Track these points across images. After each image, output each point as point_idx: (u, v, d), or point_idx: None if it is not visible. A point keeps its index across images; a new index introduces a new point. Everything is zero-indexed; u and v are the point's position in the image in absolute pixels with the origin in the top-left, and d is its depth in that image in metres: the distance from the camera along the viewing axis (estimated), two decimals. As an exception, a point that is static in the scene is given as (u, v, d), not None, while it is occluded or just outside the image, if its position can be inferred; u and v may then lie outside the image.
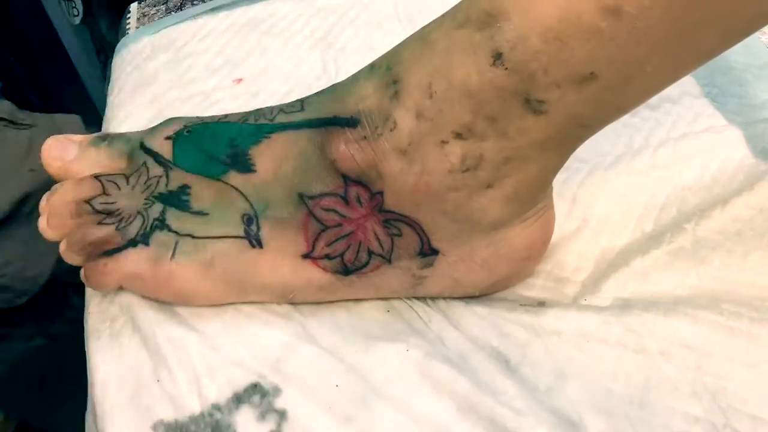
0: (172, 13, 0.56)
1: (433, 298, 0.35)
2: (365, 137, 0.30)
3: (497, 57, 0.27)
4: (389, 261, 0.33)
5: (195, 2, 0.56)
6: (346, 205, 0.32)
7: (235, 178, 0.33)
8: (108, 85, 0.53)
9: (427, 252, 0.32)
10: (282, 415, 0.31)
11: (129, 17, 0.59)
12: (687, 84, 0.43)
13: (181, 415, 0.31)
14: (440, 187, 0.30)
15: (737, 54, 0.44)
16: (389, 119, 0.30)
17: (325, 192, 0.32)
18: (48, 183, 0.35)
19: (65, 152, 0.36)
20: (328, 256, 0.33)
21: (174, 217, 0.33)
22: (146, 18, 0.58)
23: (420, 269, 0.33)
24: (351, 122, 0.31)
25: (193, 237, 0.33)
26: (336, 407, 0.31)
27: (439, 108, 0.29)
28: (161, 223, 0.33)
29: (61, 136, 0.37)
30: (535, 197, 0.32)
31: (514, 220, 0.32)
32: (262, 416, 0.31)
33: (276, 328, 0.33)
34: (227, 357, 0.32)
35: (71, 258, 0.34)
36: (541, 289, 0.36)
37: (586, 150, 0.40)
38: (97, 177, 0.35)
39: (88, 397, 0.33)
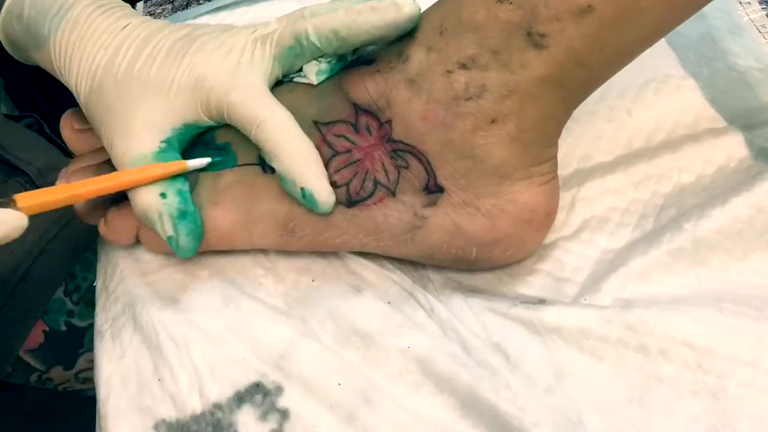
0: (178, 12, 0.56)
1: (433, 291, 0.35)
2: (379, 71, 0.33)
3: None
4: (393, 194, 0.34)
5: (201, 1, 0.56)
6: (356, 133, 0.34)
7: None
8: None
9: (433, 188, 0.33)
10: (284, 414, 0.31)
11: (135, 16, 0.58)
12: (687, 85, 0.43)
13: (183, 414, 0.31)
14: (446, 114, 0.32)
15: (738, 57, 0.44)
16: (403, 54, 0.33)
17: (337, 119, 0.34)
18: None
19: (83, 122, 0.37)
20: (334, 184, 0.34)
21: (196, 155, 0.35)
22: (152, 17, 0.57)
23: (423, 207, 0.34)
24: (368, 61, 0.34)
25: (212, 170, 0.35)
26: (338, 406, 0.31)
27: (447, 42, 0.32)
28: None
29: (77, 109, 0.38)
30: (539, 147, 0.33)
31: (519, 172, 0.33)
32: (264, 416, 0.31)
33: (277, 325, 0.33)
34: (229, 355, 0.32)
35: (91, 213, 0.36)
36: (541, 289, 0.36)
37: (586, 150, 0.41)
38: None
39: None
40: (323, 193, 0.33)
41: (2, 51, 0.38)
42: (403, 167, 0.33)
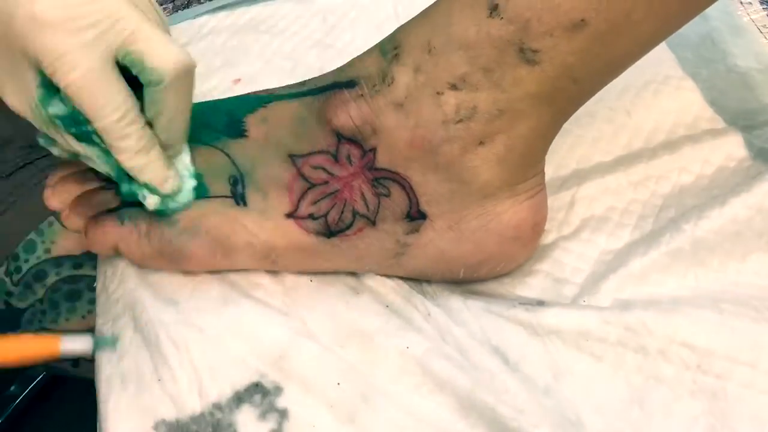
0: (180, 11, 0.56)
1: (431, 294, 0.35)
2: (362, 95, 0.32)
3: (494, 8, 0.29)
4: (374, 223, 0.33)
5: (202, 1, 0.56)
6: (335, 163, 0.33)
7: (225, 143, 0.34)
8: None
9: (415, 215, 0.33)
10: (283, 414, 0.31)
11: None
12: (686, 86, 0.43)
13: (183, 414, 0.31)
14: (434, 138, 0.31)
15: (738, 57, 0.44)
16: (387, 76, 0.31)
17: (316, 150, 0.33)
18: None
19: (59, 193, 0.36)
20: (312, 216, 0.33)
21: None
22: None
23: (405, 234, 0.33)
24: (349, 84, 0.32)
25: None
26: (337, 406, 0.31)
27: (436, 61, 0.30)
28: None
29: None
30: (525, 166, 0.32)
31: (504, 191, 0.32)
32: (263, 415, 0.31)
33: (277, 325, 0.33)
34: (228, 355, 0.32)
35: (73, 221, 0.35)
36: (540, 290, 0.36)
37: (585, 151, 0.41)
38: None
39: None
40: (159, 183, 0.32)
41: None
42: (384, 195, 0.33)
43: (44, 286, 0.51)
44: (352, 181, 0.33)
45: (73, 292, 0.52)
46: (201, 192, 0.34)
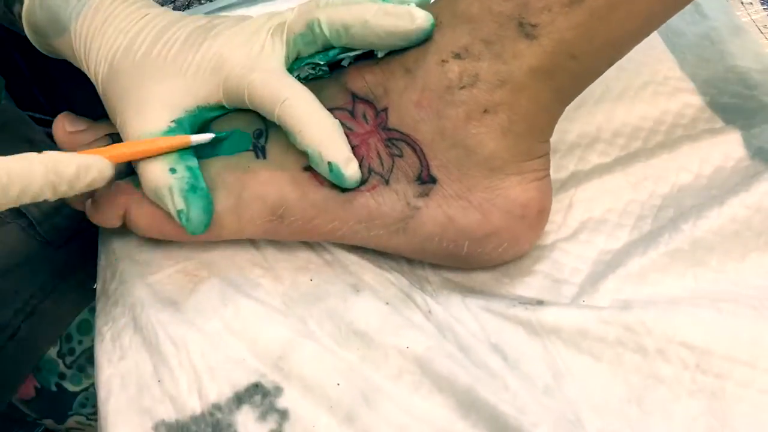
0: (180, 11, 0.56)
1: (431, 293, 0.35)
2: (377, 63, 0.35)
3: None
4: (387, 182, 0.34)
5: (202, 1, 0.56)
6: (353, 119, 0.34)
7: None
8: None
9: (426, 179, 0.34)
10: (283, 414, 0.31)
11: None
12: (684, 86, 0.43)
13: (182, 415, 0.31)
14: (440, 103, 0.33)
15: (737, 58, 0.44)
16: None
17: (334, 106, 0.34)
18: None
19: (75, 124, 0.38)
20: None
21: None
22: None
23: (415, 197, 0.34)
24: (368, 56, 0.35)
25: (205, 159, 0.35)
26: (337, 406, 0.31)
27: (442, 33, 0.33)
28: None
29: (71, 113, 0.38)
30: (530, 140, 0.33)
31: (510, 166, 0.33)
32: (263, 416, 0.31)
33: (276, 325, 0.33)
34: (228, 356, 0.32)
35: (77, 198, 0.35)
36: (539, 290, 0.36)
37: (583, 152, 0.41)
38: (109, 135, 0.37)
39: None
40: (350, 167, 0.33)
41: (3, 50, 0.38)
42: (398, 156, 0.34)
43: (99, 370, 0.50)
44: (368, 138, 0.34)
45: None
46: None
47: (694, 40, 0.45)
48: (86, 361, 0.48)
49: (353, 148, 0.34)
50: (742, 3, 0.47)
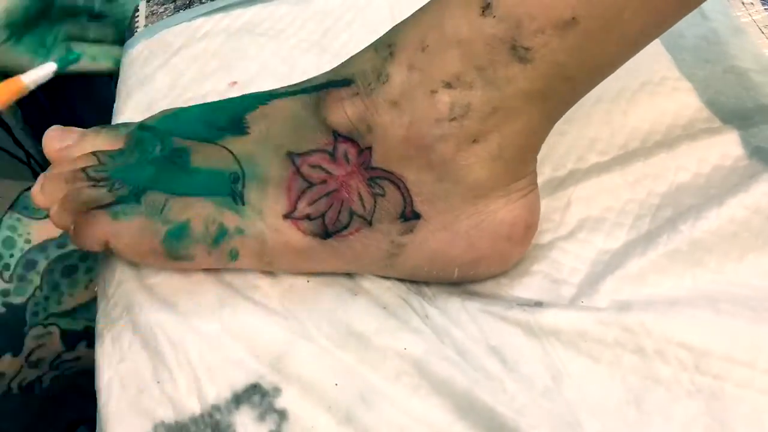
0: (180, 12, 0.56)
1: (429, 296, 0.35)
2: (358, 93, 0.32)
3: (486, 7, 0.29)
4: (370, 223, 0.33)
5: (203, 1, 0.56)
6: (333, 162, 0.33)
7: (228, 141, 0.34)
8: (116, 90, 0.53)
9: (409, 215, 0.33)
10: (282, 415, 0.31)
11: (138, 16, 0.58)
12: (682, 87, 0.43)
13: (182, 416, 0.31)
14: (428, 137, 0.31)
15: (736, 58, 0.44)
16: (382, 74, 0.31)
17: (314, 149, 0.33)
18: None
19: (65, 138, 0.37)
20: (308, 217, 0.33)
21: (166, 179, 0.34)
22: (155, 16, 0.57)
23: (400, 235, 0.33)
24: (345, 82, 0.33)
25: (183, 196, 0.34)
26: (336, 407, 0.31)
27: (430, 59, 0.30)
28: (153, 184, 0.34)
29: (61, 126, 0.38)
30: (518, 164, 0.33)
31: (497, 190, 0.32)
32: (262, 416, 0.31)
33: (274, 326, 0.33)
34: (226, 357, 0.32)
35: (61, 218, 0.35)
36: (538, 291, 0.36)
37: (581, 152, 0.41)
38: (93, 153, 0.36)
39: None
40: None
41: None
42: (380, 195, 0.33)
43: (38, 273, 0.51)
44: (349, 180, 0.33)
45: (68, 268, 0.52)
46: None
47: (692, 41, 0.45)
48: (23, 269, 0.50)
49: (332, 192, 0.33)
50: (743, 3, 0.47)
